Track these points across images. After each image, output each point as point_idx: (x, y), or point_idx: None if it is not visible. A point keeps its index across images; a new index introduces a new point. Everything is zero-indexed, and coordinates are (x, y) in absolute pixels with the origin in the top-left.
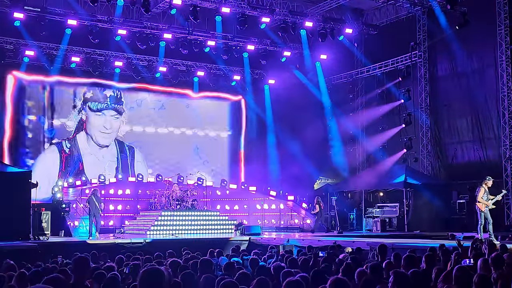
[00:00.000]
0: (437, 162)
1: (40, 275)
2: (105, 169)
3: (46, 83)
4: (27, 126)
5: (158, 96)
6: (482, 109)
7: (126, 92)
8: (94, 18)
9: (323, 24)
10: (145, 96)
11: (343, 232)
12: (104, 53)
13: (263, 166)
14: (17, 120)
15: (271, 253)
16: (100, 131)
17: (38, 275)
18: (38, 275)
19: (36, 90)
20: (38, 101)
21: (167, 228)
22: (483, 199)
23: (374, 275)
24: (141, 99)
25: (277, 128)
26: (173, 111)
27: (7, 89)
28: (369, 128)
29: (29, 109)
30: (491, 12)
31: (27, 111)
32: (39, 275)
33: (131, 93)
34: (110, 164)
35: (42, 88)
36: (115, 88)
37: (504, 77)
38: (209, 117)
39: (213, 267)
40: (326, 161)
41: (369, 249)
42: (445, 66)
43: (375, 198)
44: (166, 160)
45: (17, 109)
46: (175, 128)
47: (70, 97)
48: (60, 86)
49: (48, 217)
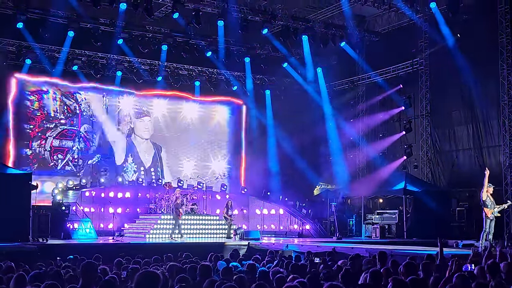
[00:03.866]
0: (437, 169)
1: (38, 277)
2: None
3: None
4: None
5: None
6: (482, 117)
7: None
8: (97, 21)
9: (325, 30)
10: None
11: (342, 238)
12: (106, 56)
13: (263, 171)
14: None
15: (270, 258)
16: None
17: (36, 277)
18: (36, 278)
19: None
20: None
21: (166, 232)
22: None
23: (374, 281)
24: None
25: (277, 133)
26: (173, 115)
27: (9, 92)
28: (370, 135)
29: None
30: (492, 21)
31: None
32: (38, 277)
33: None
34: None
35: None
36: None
37: (505, 85)
38: (209, 122)
39: (212, 272)
40: (326, 167)
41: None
42: (446, 73)
43: (375, 205)
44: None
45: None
46: (176, 132)
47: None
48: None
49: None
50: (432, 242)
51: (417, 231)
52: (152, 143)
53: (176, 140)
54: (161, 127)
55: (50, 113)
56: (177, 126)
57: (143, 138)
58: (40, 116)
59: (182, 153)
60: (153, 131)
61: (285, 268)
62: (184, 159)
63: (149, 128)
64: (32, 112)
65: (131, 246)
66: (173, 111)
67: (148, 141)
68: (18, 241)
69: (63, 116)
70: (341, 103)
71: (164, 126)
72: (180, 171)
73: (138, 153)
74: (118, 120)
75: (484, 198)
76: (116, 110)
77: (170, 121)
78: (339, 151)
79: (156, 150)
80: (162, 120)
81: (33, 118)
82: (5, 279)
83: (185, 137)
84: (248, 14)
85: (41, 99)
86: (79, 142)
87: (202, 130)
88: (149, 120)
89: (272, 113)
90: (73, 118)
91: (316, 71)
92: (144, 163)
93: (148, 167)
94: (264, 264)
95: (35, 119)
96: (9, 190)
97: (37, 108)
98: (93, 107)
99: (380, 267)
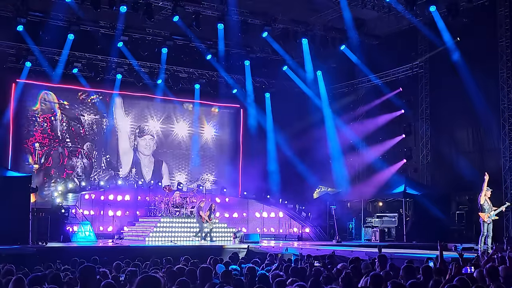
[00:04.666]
0: (437, 172)
1: (37, 280)
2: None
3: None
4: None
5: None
6: (482, 120)
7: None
8: (97, 24)
9: (325, 33)
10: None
11: (342, 241)
12: (106, 59)
13: (262, 174)
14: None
15: (269, 262)
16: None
17: (35, 280)
18: (35, 280)
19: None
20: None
21: (165, 235)
22: (485, 210)
23: (375, 285)
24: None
25: (277, 136)
26: (173, 118)
27: (11, 94)
28: (369, 138)
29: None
30: (492, 24)
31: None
32: (36, 280)
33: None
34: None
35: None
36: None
37: (504, 88)
38: (209, 125)
39: (212, 275)
40: (326, 170)
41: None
42: (446, 76)
43: (375, 208)
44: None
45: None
46: (177, 135)
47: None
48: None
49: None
50: (431, 246)
51: (416, 235)
52: (154, 158)
53: (171, 155)
54: (160, 144)
55: (58, 134)
56: (169, 143)
57: (145, 154)
58: (48, 136)
59: (176, 168)
60: (155, 147)
61: (284, 272)
62: (177, 173)
63: (149, 145)
64: (42, 132)
65: (131, 249)
66: (167, 129)
67: (151, 156)
68: (17, 244)
69: (68, 135)
70: (340, 106)
71: (159, 143)
72: (173, 184)
73: (141, 167)
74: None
75: (482, 202)
76: (118, 130)
77: (164, 138)
78: (338, 154)
79: (157, 164)
80: (157, 139)
81: (43, 138)
82: (4, 282)
83: (178, 152)
84: (248, 17)
85: (50, 122)
86: (83, 159)
87: (193, 147)
88: (150, 138)
89: (272, 116)
90: (78, 138)
91: (316, 74)
92: (145, 176)
93: (148, 181)
94: (263, 268)
95: (44, 140)
96: (9, 193)
97: (46, 129)
98: (95, 128)
99: (379, 271)
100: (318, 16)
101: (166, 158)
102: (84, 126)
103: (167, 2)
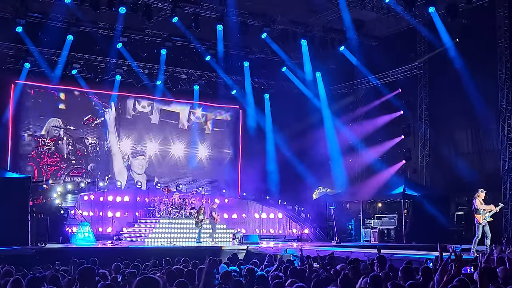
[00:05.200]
0: (436, 173)
1: (35, 281)
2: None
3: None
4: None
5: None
6: (481, 122)
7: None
8: (96, 25)
9: (324, 34)
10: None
11: (341, 242)
12: (105, 60)
13: (261, 175)
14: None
15: (268, 263)
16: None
17: (33, 281)
18: (34, 281)
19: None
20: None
21: (164, 236)
22: (482, 207)
23: (374, 286)
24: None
25: (276, 137)
26: (172, 120)
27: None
28: (369, 139)
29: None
30: (491, 26)
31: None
32: (35, 281)
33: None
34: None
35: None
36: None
37: (503, 89)
38: (208, 126)
39: None
40: (325, 171)
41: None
42: (445, 78)
43: (374, 209)
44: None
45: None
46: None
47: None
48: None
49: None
50: (431, 247)
51: (416, 236)
52: (146, 175)
53: (164, 174)
54: (154, 163)
55: (64, 155)
56: (166, 163)
57: (138, 173)
58: (55, 157)
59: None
60: (147, 166)
61: (283, 273)
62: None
63: (142, 165)
64: (50, 155)
65: (130, 250)
66: (163, 150)
67: (144, 174)
68: (16, 245)
69: (74, 157)
70: (340, 107)
71: (156, 163)
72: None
73: (135, 184)
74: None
75: (477, 207)
76: (116, 151)
77: (161, 158)
78: (338, 155)
79: (149, 180)
80: (154, 159)
81: (51, 160)
82: (3, 283)
83: (173, 171)
84: (247, 18)
85: (56, 145)
86: (87, 178)
87: (200, 135)
88: (143, 159)
89: (271, 117)
90: (82, 159)
91: (315, 75)
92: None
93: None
94: (262, 269)
95: (53, 161)
96: (8, 194)
97: (53, 151)
98: (98, 150)
99: (379, 272)
100: (317, 17)
101: (160, 176)
102: (88, 147)
103: (166, 3)
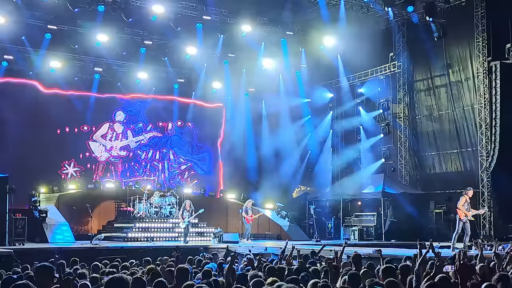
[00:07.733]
0: (415, 172)
1: (10, 282)
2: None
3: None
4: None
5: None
6: (460, 120)
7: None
8: (74, 23)
9: (303, 33)
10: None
11: (321, 240)
12: (84, 59)
13: (242, 173)
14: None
15: (248, 261)
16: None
17: (8, 282)
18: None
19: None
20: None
21: (145, 235)
22: (463, 208)
23: (352, 283)
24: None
25: (256, 136)
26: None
27: None
28: (348, 137)
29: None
30: (469, 25)
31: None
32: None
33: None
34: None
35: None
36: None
37: (481, 88)
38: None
39: (189, 275)
40: (305, 170)
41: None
42: (424, 77)
43: (353, 207)
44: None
45: None
46: None
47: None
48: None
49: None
50: (410, 244)
51: (395, 233)
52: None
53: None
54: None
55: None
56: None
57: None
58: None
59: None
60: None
61: (263, 271)
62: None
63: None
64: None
65: (110, 250)
66: (152, 113)
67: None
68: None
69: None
70: (319, 105)
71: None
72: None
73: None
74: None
75: (459, 206)
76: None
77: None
78: (317, 153)
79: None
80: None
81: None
82: None
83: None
84: (227, 17)
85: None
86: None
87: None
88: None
89: (251, 116)
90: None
91: (295, 74)
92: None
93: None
94: (242, 268)
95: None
96: None
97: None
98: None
99: (355, 269)
100: (296, 16)
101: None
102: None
103: (145, 2)
